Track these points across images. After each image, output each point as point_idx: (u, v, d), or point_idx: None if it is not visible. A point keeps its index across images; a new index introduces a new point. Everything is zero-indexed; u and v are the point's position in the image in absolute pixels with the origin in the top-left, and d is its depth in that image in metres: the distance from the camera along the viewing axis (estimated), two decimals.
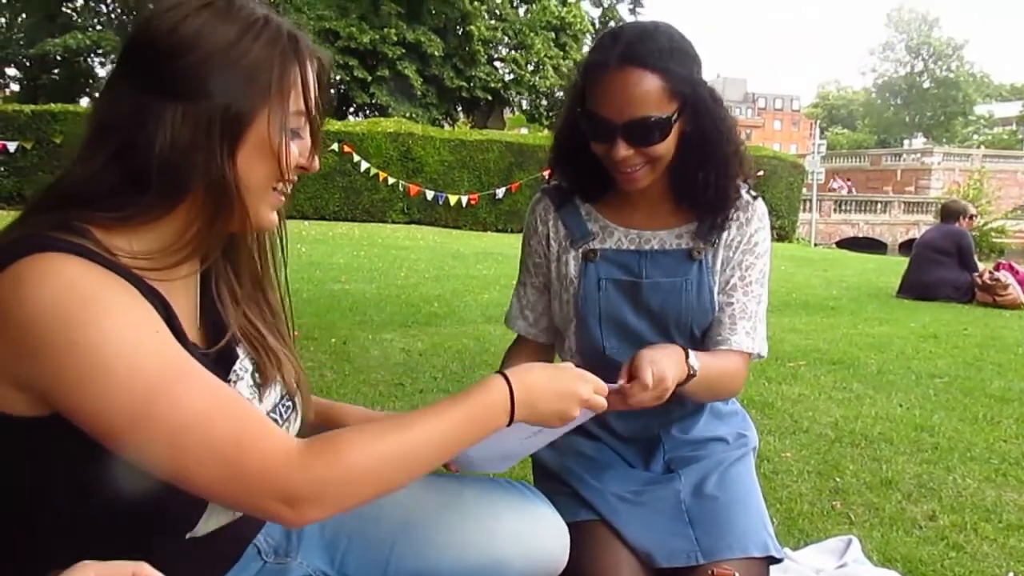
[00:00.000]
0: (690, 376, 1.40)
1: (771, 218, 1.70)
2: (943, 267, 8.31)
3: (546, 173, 1.76)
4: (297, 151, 1.04)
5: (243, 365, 1.12)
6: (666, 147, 1.47)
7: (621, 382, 1.31)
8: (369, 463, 0.96)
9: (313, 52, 1.06)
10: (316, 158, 1.08)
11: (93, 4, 30.28)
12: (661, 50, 1.42)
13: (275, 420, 1.13)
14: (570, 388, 1.16)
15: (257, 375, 1.13)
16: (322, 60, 1.08)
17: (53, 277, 0.87)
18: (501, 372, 1.13)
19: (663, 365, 1.33)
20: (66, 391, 0.86)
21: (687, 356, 1.40)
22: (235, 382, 1.08)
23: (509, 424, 1.10)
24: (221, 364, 1.08)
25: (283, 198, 1.08)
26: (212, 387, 0.92)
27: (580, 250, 1.63)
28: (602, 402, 1.20)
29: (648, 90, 1.41)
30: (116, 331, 0.87)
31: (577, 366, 1.69)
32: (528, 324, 1.75)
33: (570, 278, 1.64)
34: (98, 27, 28.19)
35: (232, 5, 1.01)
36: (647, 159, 1.47)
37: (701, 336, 1.60)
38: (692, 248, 1.59)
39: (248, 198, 1.02)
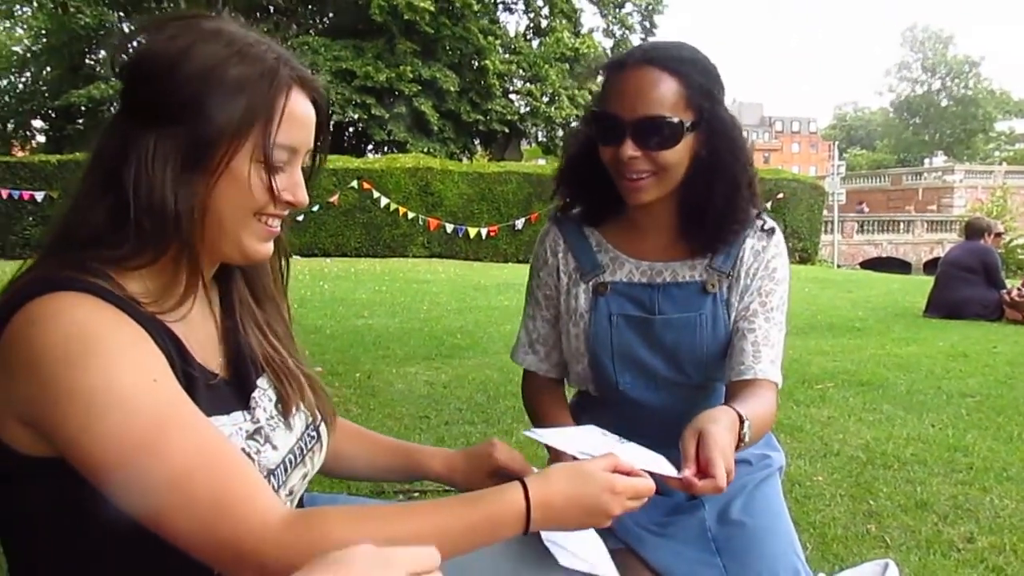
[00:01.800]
0: (739, 447, 1.28)
1: (793, 240, 1.68)
2: (970, 285, 8.22)
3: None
4: (280, 184, 1.01)
5: (266, 395, 1.11)
6: (676, 157, 1.43)
7: (687, 472, 1.17)
8: None
9: (300, 82, 1.02)
10: (283, 192, 1.02)
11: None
12: (683, 58, 1.41)
13: (300, 450, 1.13)
14: (597, 504, 1.04)
15: (280, 404, 1.12)
16: (318, 93, 1.05)
17: (63, 318, 0.87)
18: (522, 481, 1.02)
19: (730, 453, 1.20)
20: (62, 432, 0.86)
21: (742, 425, 1.27)
22: (254, 409, 1.08)
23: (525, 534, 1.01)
24: (241, 393, 1.08)
25: (274, 230, 1.06)
26: (202, 442, 0.90)
27: (590, 283, 1.59)
28: (638, 505, 1.09)
29: (663, 91, 1.38)
30: (114, 378, 0.87)
31: (582, 393, 1.67)
32: (539, 359, 1.68)
33: (580, 312, 1.59)
34: None
35: (220, 33, 0.99)
36: (655, 167, 1.42)
37: (716, 365, 1.55)
38: (706, 281, 1.55)
39: (224, 228, 1.00)
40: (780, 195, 18.97)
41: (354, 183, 17.12)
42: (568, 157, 1.60)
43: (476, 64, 27.53)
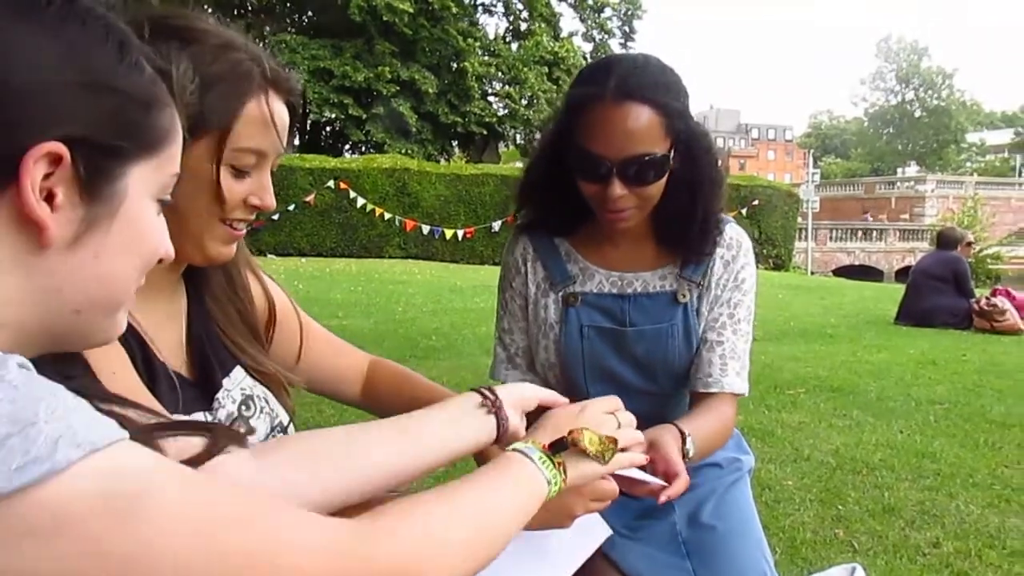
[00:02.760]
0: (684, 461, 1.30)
1: (767, 247, 1.68)
2: (940, 294, 8.33)
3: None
4: (246, 187, 1.00)
5: (230, 396, 1.10)
6: (659, 187, 1.42)
7: (655, 479, 1.20)
8: None
9: (274, 84, 1.01)
10: (250, 196, 1.01)
11: None
12: (656, 84, 1.37)
13: None
14: (561, 504, 1.02)
15: (243, 407, 1.11)
16: (293, 95, 1.05)
17: None
18: None
19: (678, 459, 1.24)
20: None
21: (684, 442, 1.29)
22: (216, 410, 1.07)
23: None
24: (204, 394, 1.07)
25: (238, 232, 1.05)
26: None
27: (560, 294, 1.57)
28: (601, 507, 1.09)
29: (646, 126, 1.35)
30: None
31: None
32: (522, 373, 1.63)
33: (550, 323, 1.57)
34: None
35: (196, 31, 0.98)
36: (639, 199, 1.42)
37: (687, 375, 1.55)
38: (677, 291, 1.54)
39: (186, 228, 0.99)
40: (755, 202, 19.11)
41: (331, 183, 17.04)
42: (533, 177, 1.57)
43: (455, 66, 27.52)
